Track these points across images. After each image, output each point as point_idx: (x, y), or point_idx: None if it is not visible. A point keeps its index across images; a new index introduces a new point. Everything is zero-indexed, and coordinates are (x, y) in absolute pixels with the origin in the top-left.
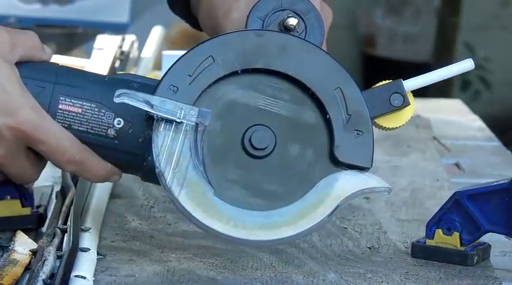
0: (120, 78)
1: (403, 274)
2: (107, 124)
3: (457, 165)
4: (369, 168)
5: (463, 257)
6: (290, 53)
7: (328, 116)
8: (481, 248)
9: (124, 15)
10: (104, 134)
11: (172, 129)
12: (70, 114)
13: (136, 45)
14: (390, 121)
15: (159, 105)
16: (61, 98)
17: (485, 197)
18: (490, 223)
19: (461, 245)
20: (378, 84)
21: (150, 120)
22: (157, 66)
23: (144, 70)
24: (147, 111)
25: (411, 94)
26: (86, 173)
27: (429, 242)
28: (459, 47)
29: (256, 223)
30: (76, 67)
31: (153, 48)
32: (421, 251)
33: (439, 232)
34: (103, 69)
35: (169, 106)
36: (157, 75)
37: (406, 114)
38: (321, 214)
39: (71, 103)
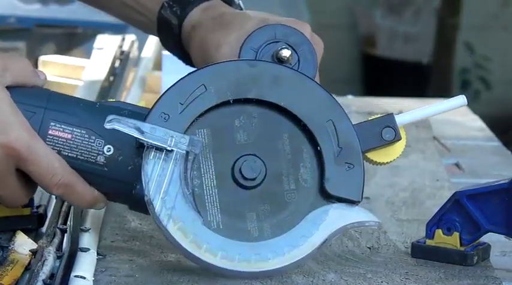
0: (110, 105)
1: (403, 274)
2: (96, 151)
3: (457, 165)
4: (358, 202)
5: (463, 257)
6: (283, 84)
7: (319, 148)
8: (481, 248)
9: None
10: (94, 161)
11: (162, 157)
12: (60, 139)
13: (136, 45)
14: (381, 155)
15: (150, 132)
16: (51, 123)
17: (485, 197)
18: (490, 223)
19: (461, 245)
20: (370, 118)
21: (140, 148)
22: (158, 66)
23: (144, 70)
24: (137, 138)
25: (403, 128)
26: (72, 197)
27: (429, 242)
28: (459, 47)
29: (244, 254)
30: (76, 67)
31: (153, 48)
32: (421, 251)
33: (439, 232)
34: (103, 69)
35: (160, 134)
36: (158, 75)
37: (397, 149)
38: (310, 247)
39: (61, 129)
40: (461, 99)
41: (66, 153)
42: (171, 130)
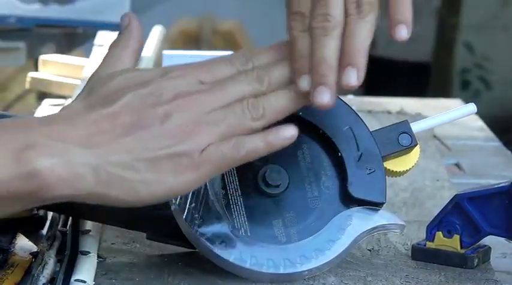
0: None
1: (403, 277)
2: None
3: (457, 165)
4: (383, 203)
5: (463, 260)
6: None
7: (339, 154)
8: (481, 251)
9: None
10: None
11: None
12: None
13: None
14: (398, 164)
15: None
16: None
17: (486, 200)
18: (490, 226)
19: (462, 247)
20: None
21: None
22: (158, 65)
23: None
24: None
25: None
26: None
27: (429, 244)
28: (459, 47)
29: (274, 259)
30: (76, 66)
31: (154, 48)
32: (421, 254)
33: (439, 235)
34: None
35: None
36: None
37: (412, 157)
38: (337, 251)
39: None
40: (471, 107)
41: None
42: None
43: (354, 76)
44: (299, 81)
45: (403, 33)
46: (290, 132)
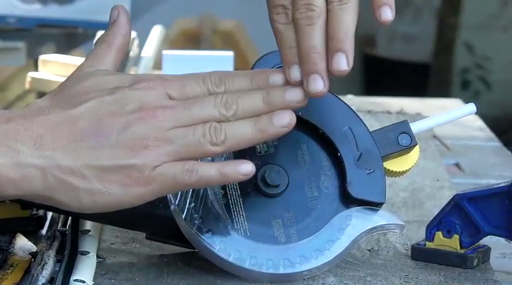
0: None
1: (402, 277)
2: None
3: (457, 165)
4: (382, 203)
5: (463, 260)
6: None
7: (339, 154)
8: (481, 251)
9: None
10: None
11: None
12: None
13: (137, 42)
14: (398, 164)
15: None
16: None
17: (486, 200)
18: (490, 226)
19: (461, 247)
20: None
21: None
22: (158, 65)
23: (145, 69)
24: None
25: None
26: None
27: (429, 244)
28: (459, 47)
29: (273, 259)
30: (76, 66)
31: (153, 48)
32: (421, 254)
33: (439, 235)
34: None
35: None
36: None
37: (412, 157)
38: (337, 251)
39: None
40: (471, 107)
41: None
42: None
43: (344, 61)
44: (290, 71)
45: (387, 14)
46: (247, 169)
